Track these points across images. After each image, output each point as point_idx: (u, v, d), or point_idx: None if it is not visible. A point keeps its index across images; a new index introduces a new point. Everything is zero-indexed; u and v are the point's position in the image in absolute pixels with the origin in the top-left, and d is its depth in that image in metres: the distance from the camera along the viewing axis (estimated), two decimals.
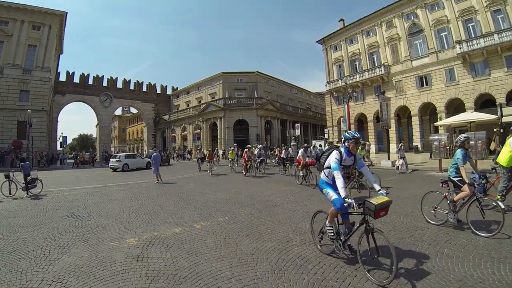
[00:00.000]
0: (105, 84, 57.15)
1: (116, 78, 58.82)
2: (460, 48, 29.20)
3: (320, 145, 27.54)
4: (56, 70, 50.03)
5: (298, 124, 36.69)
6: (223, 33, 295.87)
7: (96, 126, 65.56)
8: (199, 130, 51.60)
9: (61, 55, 52.59)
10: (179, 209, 9.32)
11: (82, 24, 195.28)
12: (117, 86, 58.87)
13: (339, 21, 44.97)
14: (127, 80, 60.80)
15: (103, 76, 57.03)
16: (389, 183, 13.35)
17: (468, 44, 28.74)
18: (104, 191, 14.14)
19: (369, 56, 39.68)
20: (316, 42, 47.43)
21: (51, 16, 40.96)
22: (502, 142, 18.93)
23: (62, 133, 49.58)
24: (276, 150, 29.57)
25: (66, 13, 42.56)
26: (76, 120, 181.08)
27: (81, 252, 5.48)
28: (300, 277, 4.24)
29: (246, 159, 19.03)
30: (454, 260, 4.65)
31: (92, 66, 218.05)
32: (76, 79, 53.76)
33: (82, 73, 54.50)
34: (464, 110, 28.41)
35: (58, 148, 48.76)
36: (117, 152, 54.71)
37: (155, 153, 18.35)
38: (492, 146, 17.55)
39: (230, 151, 23.93)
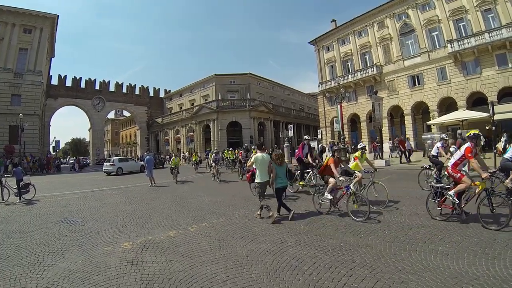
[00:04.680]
0: (97, 87, 56.96)
1: (109, 81, 58.78)
2: (452, 47, 29.41)
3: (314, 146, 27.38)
4: (48, 74, 49.72)
5: (291, 125, 36.68)
6: (216, 34, 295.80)
7: (89, 130, 65.20)
8: (192, 133, 51.56)
9: (52, 58, 52.13)
10: (173, 212, 9.31)
11: (73, 26, 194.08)
12: (110, 90, 58.72)
13: (331, 21, 45.06)
14: (120, 83, 60.71)
15: (95, 79, 56.93)
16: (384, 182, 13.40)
17: (459, 43, 28.96)
18: (97, 195, 14.07)
19: (361, 56, 39.76)
20: (308, 43, 47.39)
21: (42, 19, 40.59)
22: (494, 140, 19.30)
23: (54, 137, 49.04)
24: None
25: (58, 16, 42.23)
26: (68, 124, 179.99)
27: (75, 257, 5.45)
28: (295, 278, 4.24)
29: None
30: (449, 258, 4.70)
31: (84, 69, 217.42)
32: (68, 83, 53.67)
33: (74, 76, 54.51)
34: (456, 109, 28.66)
35: (51, 152, 48.37)
36: (111, 156, 54.36)
37: (148, 157, 18.29)
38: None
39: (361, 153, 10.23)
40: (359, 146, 10.22)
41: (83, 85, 55.16)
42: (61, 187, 18.15)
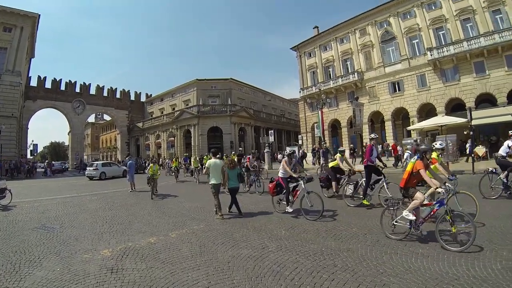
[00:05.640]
0: (77, 90, 55.85)
1: (89, 84, 57.75)
2: (431, 55, 30.22)
3: (294, 151, 27.22)
4: (27, 75, 48.46)
5: (272, 131, 36.82)
6: (199, 39, 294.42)
7: (68, 134, 63.85)
8: (173, 138, 51.24)
9: (32, 59, 50.54)
10: (153, 218, 9.19)
11: (54, 26, 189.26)
12: (90, 93, 57.68)
13: (314, 28, 45.46)
14: (101, 86, 59.75)
15: (75, 81, 55.80)
16: None
17: (439, 51, 29.81)
18: (76, 201, 13.76)
19: (342, 62, 40.30)
20: (290, 49, 47.67)
21: (23, 18, 39.35)
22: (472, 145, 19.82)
23: (32, 141, 47.73)
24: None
25: (39, 15, 41.10)
26: (47, 127, 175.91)
27: (53, 265, 5.30)
28: (277, 283, 4.22)
29: None
30: (429, 260, 4.79)
31: (65, 71, 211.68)
32: (48, 85, 52.31)
33: (54, 78, 53.13)
34: (435, 114, 29.29)
35: (29, 156, 47.08)
36: (93, 161, 53.36)
37: (130, 161, 18.18)
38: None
39: None
40: (438, 145, 7.82)
41: (63, 87, 53.97)
42: (38, 193, 17.66)
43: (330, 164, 11.58)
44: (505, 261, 4.57)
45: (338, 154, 11.28)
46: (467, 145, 21.64)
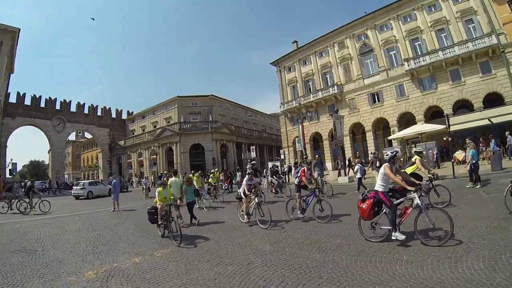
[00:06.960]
0: (58, 107, 54.44)
1: (70, 101, 56.44)
2: (408, 65, 31.01)
3: (277, 166, 26.82)
4: (6, 91, 46.89)
5: (253, 147, 36.94)
6: (179, 55, 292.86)
7: (48, 152, 62.41)
8: (155, 156, 50.82)
9: (11, 74, 48.92)
10: (137, 238, 9.09)
11: (33, 40, 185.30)
12: (71, 110, 56.37)
13: (293, 42, 45.99)
14: (81, 103, 58.58)
15: (56, 98, 54.37)
16: (349, 197, 13.67)
17: (416, 61, 30.63)
18: (58, 222, 13.45)
19: (322, 76, 40.77)
20: (270, 63, 47.91)
21: (3, 32, 38.41)
22: (452, 151, 20.29)
23: (11, 160, 46.50)
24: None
25: (19, 30, 40.24)
26: (27, 146, 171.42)
27: None
28: None
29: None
30: (413, 265, 4.88)
31: (44, 88, 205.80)
32: (27, 101, 50.67)
33: (34, 94, 51.62)
34: (415, 123, 29.98)
35: (7, 175, 45.75)
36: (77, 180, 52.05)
37: (114, 180, 18.04)
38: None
39: None
40: None
41: (42, 104, 52.54)
42: (15, 214, 17.02)
43: (409, 170, 9.38)
44: (487, 261, 4.70)
45: (417, 156, 9.60)
46: (434, 153, 22.15)
